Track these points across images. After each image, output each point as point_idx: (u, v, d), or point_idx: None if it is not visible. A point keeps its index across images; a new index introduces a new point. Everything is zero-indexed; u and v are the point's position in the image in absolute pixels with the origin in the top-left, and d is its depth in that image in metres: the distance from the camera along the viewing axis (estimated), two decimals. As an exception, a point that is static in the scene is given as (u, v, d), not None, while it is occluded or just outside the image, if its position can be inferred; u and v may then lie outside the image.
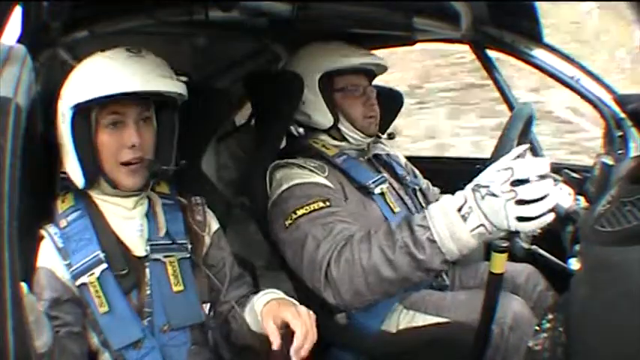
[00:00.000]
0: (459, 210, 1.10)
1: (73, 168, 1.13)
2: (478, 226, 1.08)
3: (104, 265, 1.08)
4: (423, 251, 1.15)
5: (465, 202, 1.10)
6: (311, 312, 1.04)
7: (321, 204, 1.37)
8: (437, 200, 1.77)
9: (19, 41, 0.98)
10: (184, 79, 1.18)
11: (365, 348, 1.41)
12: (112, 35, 1.42)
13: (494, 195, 1.04)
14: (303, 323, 0.99)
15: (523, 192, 1.01)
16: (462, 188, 1.13)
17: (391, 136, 1.76)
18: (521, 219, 1.02)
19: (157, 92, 1.12)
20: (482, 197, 1.06)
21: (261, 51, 2.04)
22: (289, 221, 1.39)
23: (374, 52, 1.71)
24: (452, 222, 1.11)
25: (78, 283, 1.08)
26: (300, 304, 1.08)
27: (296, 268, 1.39)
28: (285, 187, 1.45)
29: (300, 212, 1.38)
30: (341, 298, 1.27)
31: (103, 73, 1.09)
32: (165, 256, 1.16)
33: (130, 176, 1.13)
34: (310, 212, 1.37)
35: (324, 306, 1.34)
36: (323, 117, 1.57)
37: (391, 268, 1.19)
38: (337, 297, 1.27)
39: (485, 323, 1.17)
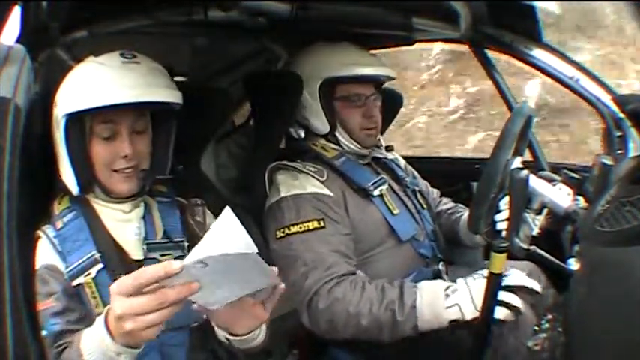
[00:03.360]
0: (445, 289, 1.27)
1: (67, 175, 1.13)
2: (454, 305, 1.23)
3: (100, 265, 1.08)
4: (402, 313, 1.26)
5: (450, 285, 1.28)
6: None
7: (316, 224, 1.40)
8: (435, 199, 1.79)
9: (18, 41, 0.98)
10: (183, 79, 1.17)
11: (364, 348, 1.41)
12: (111, 35, 1.42)
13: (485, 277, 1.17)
14: None
15: (511, 278, 1.20)
16: (461, 188, 1.14)
17: (389, 149, 1.73)
18: (500, 303, 1.18)
19: (151, 102, 1.10)
20: (474, 279, 1.26)
21: (261, 51, 2.03)
22: (280, 234, 1.42)
23: (374, 52, 1.71)
24: (436, 294, 1.26)
25: (74, 283, 1.07)
26: None
27: None
28: (282, 194, 1.46)
29: (293, 229, 1.40)
30: (317, 327, 1.36)
31: (96, 83, 1.08)
32: (162, 255, 1.15)
33: (123, 182, 1.13)
34: (304, 232, 1.39)
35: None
36: (320, 123, 1.56)
37: (371, 320, 1.29)
38: (314, 324, 1.35)
39: (485, 323, 1.17)
